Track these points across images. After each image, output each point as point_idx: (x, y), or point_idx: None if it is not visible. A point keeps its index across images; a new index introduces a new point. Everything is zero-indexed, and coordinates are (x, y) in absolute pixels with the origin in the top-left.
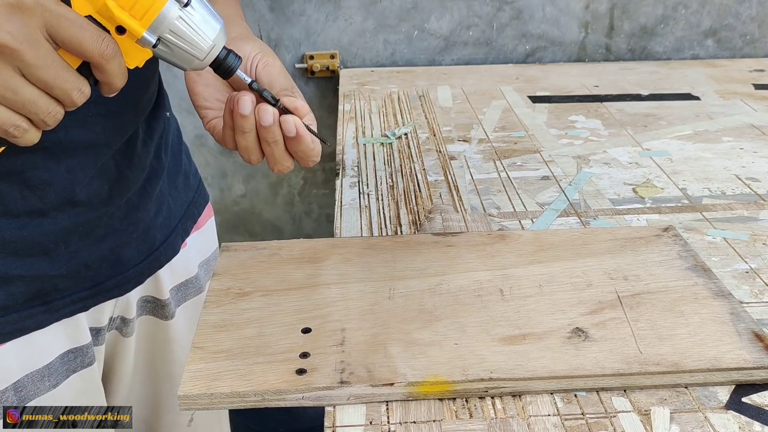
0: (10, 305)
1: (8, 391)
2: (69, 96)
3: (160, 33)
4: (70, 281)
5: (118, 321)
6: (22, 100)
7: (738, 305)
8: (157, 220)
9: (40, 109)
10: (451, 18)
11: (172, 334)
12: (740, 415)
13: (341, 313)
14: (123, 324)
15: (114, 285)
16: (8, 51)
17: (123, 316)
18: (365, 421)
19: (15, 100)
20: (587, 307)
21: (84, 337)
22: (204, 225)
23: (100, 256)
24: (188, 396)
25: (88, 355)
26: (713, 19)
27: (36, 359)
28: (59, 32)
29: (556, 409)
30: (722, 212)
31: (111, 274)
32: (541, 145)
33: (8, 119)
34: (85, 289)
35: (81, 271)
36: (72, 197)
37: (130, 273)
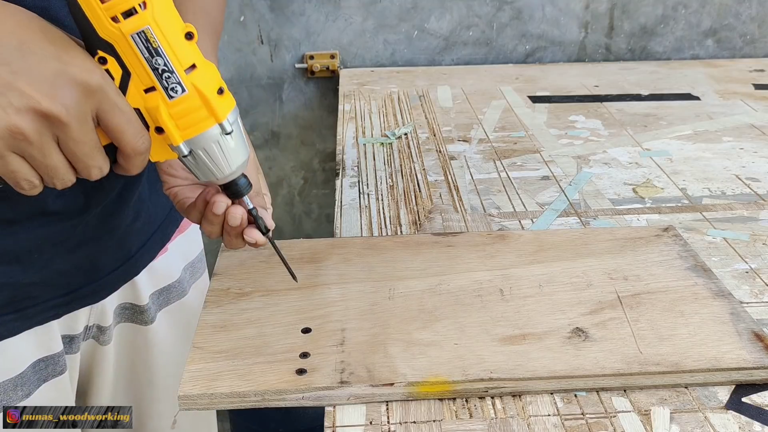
0: None
1: None
2: (89, 172)
3: (193, 147)
4: (43, 289)
5: (95, 329)
6: (47, 164)
7: (738, 305)
8: (134, 227)
9: (58, 175)
10: (451, 18)
11: (153, 338)
12: (740, 415)
13: (341, 313)
14: (99, 332)
15: (89, 292)
16: (57, 122)
17: (99, 324)
18: (365, 421)
19: (41, 162)
20: (587, 307)
21: (56, 345)
22: (188, 228)
23: (74, 263)
24: (188, 396)
25: (60, 364)
26: (713, 19)
27: (8, 368)
28: (107, 118)
29: (556, 409)
30: (722, 212)
31: (86, 282)
32: (541, 145)
33: (25, 175)
34: (59, 297)
35: (55, 278)
36: (45, 208)
37: (105, 280)
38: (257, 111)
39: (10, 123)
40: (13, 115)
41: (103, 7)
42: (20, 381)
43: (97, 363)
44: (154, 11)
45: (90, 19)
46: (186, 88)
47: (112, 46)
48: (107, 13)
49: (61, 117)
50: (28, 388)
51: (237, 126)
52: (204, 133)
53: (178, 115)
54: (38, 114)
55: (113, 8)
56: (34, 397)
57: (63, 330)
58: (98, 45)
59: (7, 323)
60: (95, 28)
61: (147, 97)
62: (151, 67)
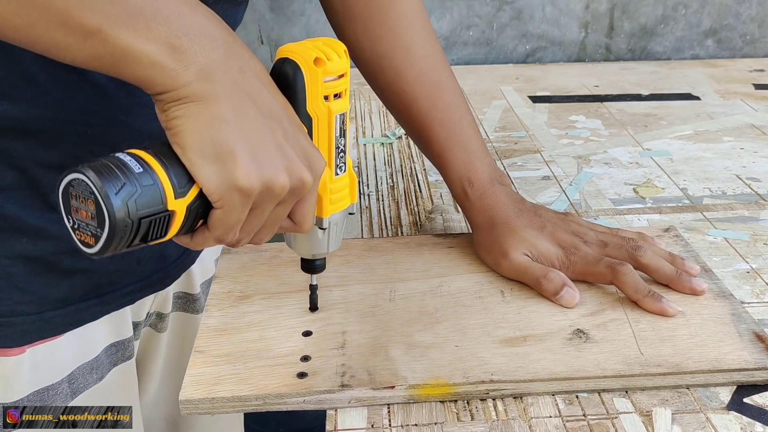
0: (70, 297)
1: (63, 384)
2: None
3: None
4: (123, 275)
5: (154, 317)
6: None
7: (739, 306)
8: None
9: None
10: (451, 18)
11: None
12: (742, 416)
13: (342, 315)
14: (158, 319)
15: (158, 279)
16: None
17: (159, 311)
18: (367, 424)
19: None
20: (588, 308)
21: (127, 331)
22: None
23: (149, 251)
24: (189, 401)
25: (129, 349)
26: (713, 19)
27: (87, 351)
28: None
29: (557, 410)
30: (723, 212)
31: (156, 269)
32: (541, 145)
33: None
34: (134, 283)
35: (133, 266)
36: None
37: (171, 267)
38: None
39: (279, 178)
40: (282, 172)
41: (325, 86)
42: (95, 364)
43: (151, 350)
44: (347, 100)
45: (307, 92)
46: (347, 168)
47: (311, 122)
48: (324, 92)
49: (306, 189)
50: (101, 371)
51: None
52: (343, 210)
53: (333, 191)
54: (297, 179)
55: (331, 88)
56: (106, 380)
57: (132, 317)
58: (300, 116)
59: (89, 308)
60: (306, 102)
61: None
62: (336, 146)
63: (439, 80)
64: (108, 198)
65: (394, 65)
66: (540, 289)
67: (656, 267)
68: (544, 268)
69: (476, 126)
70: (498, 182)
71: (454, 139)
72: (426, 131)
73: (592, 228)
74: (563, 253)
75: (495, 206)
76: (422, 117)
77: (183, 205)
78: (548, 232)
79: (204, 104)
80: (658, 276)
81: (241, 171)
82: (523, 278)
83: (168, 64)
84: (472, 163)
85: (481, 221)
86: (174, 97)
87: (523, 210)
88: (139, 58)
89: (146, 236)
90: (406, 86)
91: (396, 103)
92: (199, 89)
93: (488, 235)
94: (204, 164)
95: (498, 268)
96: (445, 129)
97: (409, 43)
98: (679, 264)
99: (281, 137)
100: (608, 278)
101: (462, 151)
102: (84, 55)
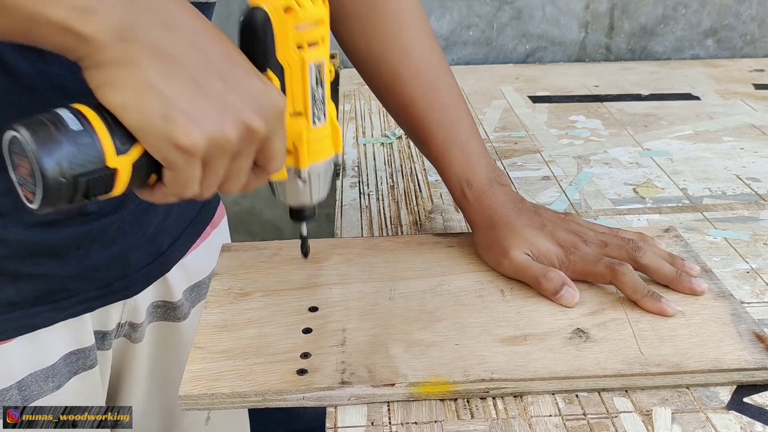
0: (19, 302)
1: (12, 390)
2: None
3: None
4: (79, 282)
5: (127, 326)
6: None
7: (739, 306)
8: (166, 223)
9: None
10: (451, 18)
11: (186, 335)
12: (742, 416)
13: (342, 313)
14: (132, 330)
15: (121, 287)
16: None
17: (131, 321)
18: (366, 421)
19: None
20: (588, 307)
21: (87, 339)
22: (220, 223)
23: (109, 258)
24: (189, 396)
25: (90, 358)
26: (713, 19)
27: (41, 359)
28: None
29: (557, 409)
30: (723, 212)
31: (119, 276)
32: (541, 145)
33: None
34: (93, 290)
35: (90, 272)
36: (84, 209)
37: (137, 275)
38: None
39: (224, 131)
40: (227, 124)
41: (296, 34)
42: (51, 372)
43: (129, 361)
44: (327, 47)
45: (276, 39)
46: (327, 117)
47: (283, 70)
48: (296, 40)
49: (261, 135)
50: (59, 380)
51: None
52: (325, 160)
53: (312, 141)
54: (246, 128)
55: (304, 36)
56: (64, 389)
57: (96, 325)
58: (269, 65)
59: (41, 314)
60: (276, 49)
61: (292, 121)
62: (312, 96)
63: (437, 80)
64: (40, 158)
65: (391, 66)
66: (540, 289)
67: (656, 267)
68: (544, 267)
69: (475, 126)
70: (497, 182)
71: (451, 140)
72: (424, 132)
73: (592, 228)
74: (563, 252)
75: (494, 206)
76: (420, 118)
77: (127, 163)
78: (548, 231)
79: (125, 68)
80: (658, 276)
81: (179, 131)
82: (523, 277)
83: (78, 27)
84: (470, 164)
85: (480, 221)
86: (93, 62)
87: (522, 209)
88: (47, 25)
89: (87, 193)
90: (403, 87)
91: (394, 104)
92: (116, 52)
93: (488, 235)
94: (140, 128)
95: (499, 267)
96: (443, 130)
97: (406, 43)
98: (678, 264)
99: (221, 88)
100: (608, 278)
101: (460, 152)
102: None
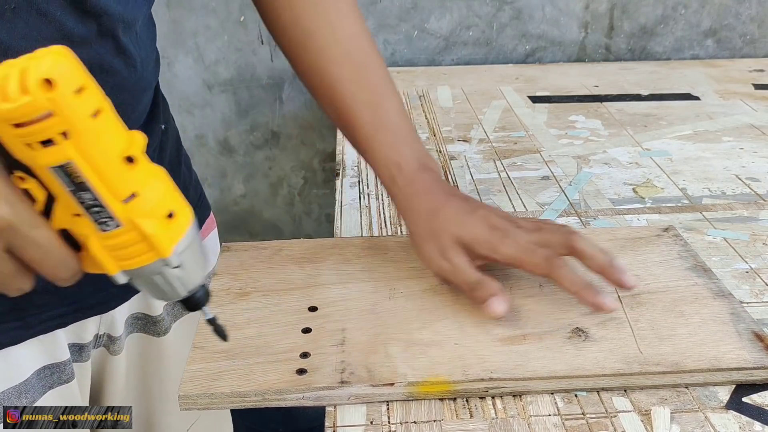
0: None
1: None
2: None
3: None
4: (48, 298)
5: (105, 338)
6: None
7: (738, 305)
8: None
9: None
10: (451, 18)
11: (166, 350)
12: (741, 415)
13: (341, 313)
14: (110, 341)
15: (96, 302)
16: None
17: (109, 333)
18: (366, 421)
19: None
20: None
21: (62, 354)
22: (206, 238)
23: None
24: (188, 396)
25: (66, 372)
26: (713, 19)
27: (12, 375)
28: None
29: (556, 408)
30: (722, 212)
31: (92, 291)
32: (541, 145)
33: None
34: (65, 306)
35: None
36: None
37: (115, 290)
38: (257, 111)
39: None
40: None
41: (16, 133)
42: (24, 388)
43: (107, 372)
44: (80, 140)
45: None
46: (121, 222)
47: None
48: (21, 140)
49: None
50: (33, 395)
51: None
52: (144, 267)
53: (113, 248)
54: None
55: (27, 136)
56: (39, 403)
57: (71, 338)
58: (15, 165)
59: (8, 331)
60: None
61: (75, 221)
62: (77, 200)
63: (366, 60)
64: None
65: (319, 44)
66: (470, 295)
67: (591, 254)
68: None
69: (404, 110)
70: (427, 167)
71: (379, 122)
72: (351, 114)
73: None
74: (495, 236)
75: (425, 192)
76: (348, 99)
77: None
78: (481, 215)
79: None
80: (592, 263)
81: None
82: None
83: None
84: (399, 148)
85: (410, 208)
86: None
87: (452, 195)
88: None
89: None
90: (331, 65)
91: (319, 84)
92: None
93: (420, 224)
94: None
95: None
96: (370, 111)
97: (334, 20)
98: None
99: None
100: (544, 270)
101: (389, 134)
102: None
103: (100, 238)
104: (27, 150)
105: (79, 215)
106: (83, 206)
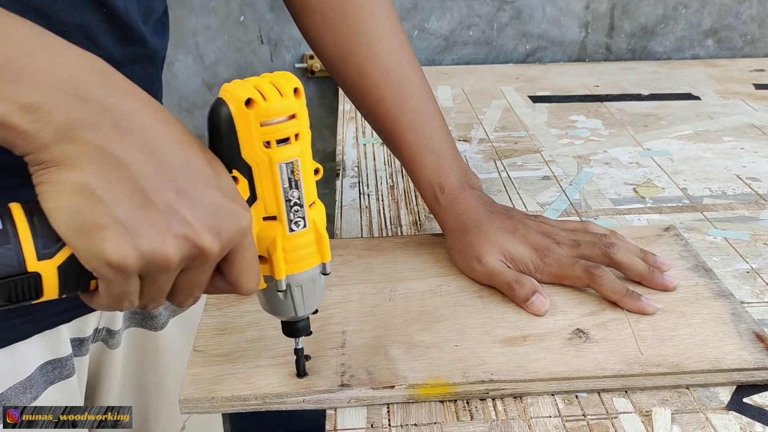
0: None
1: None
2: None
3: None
4: None
5: (104, 332)
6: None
7: (739, 305)
8: None
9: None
10: (451, 18)
11: (163, 344)
12: (741, 416)
13: (342, 315)
14: (109, 335)
15: None
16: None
17: (108, 327)
18: (366, 423)
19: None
20: (588, 308)
21: (64, 349)
22: None
23: None
24: (189, 399)
25: (67, 367)
26: (713, 19)
27: (17, 371)
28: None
29: (557, 410)
30: (723, 212)
31: None
32: (541, 145)
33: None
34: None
35: None
36: None
37: None
38: None
39: (163, 249)
40: (169, 241)
41: (261, 131)
42: (28, 384)
43: (105, 366)
44: (304, 143)
45: (239, 137)
46: (308, 223)
47: (250, 169)
48: (262, 137)
49: (212, 255)
50: (36, 390)
51: None
52: (308, 270)
53: (290, 249)
54: (192, 246)
55: (270, 134)
56: (40, 399)
57: (72, 333)
58: (235, 164)
59: (17, 327)
60: (240, 148)
61: (265, 225)
62: (285, 198)
63: (406, 80)
64: None
65: (359, 64)
66: (511, 295)
67: (629, 264)
68: (516, 273)
69: (446, 127)
70: (469, 185)
71: (423, 143)
72: (394, 135)
73: (563, 227)
74: (537, 255)
75: (467, 210)
76: (391, 120)
77: (51, 267)
78: (521, 234)
79: (66, 169)
80: (632, 273)
81: (109, 244)
82: (495, 283)
83: (20, 125)
84: (442, 168)
85: (453, 226)
86: (35, 160)
87: (495, 213)
88: None
89: (10, 297)
90: (372, 86)
91: (363, 103)
92: (59, 152)
93: (461, 240)
94: (69, 235)
95: (471, 273)
96: (414, 133)
97: (372, 39)
98: (650, 260)
99: (171, 198)
100: (585, 281)
101: (432, 156)
102: None
103: (285, 239)
104: (262, 148)
105: (272, 218)
106: (287, 204)
